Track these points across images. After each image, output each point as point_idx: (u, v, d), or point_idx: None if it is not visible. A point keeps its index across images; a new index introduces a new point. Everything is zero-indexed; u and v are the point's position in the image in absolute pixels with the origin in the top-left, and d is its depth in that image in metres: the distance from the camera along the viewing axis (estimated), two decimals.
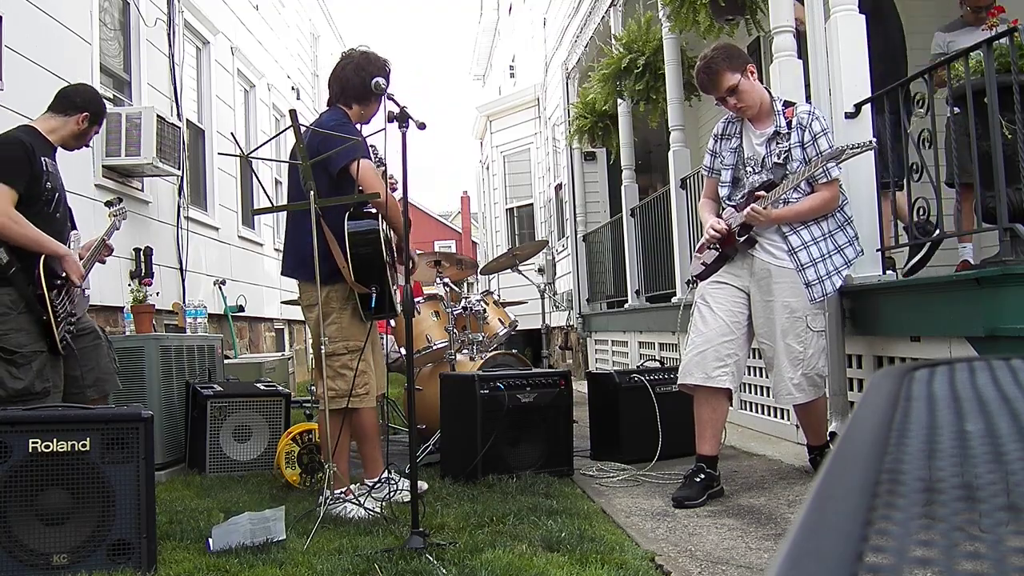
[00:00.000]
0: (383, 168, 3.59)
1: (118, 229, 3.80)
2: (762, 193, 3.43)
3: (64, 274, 3.28)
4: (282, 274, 3.72)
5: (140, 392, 4.25)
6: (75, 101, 3.46)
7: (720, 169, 3.66)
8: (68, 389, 3.37)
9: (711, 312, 3.52)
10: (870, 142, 3.37)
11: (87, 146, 3.63)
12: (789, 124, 3.45)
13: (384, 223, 3.43)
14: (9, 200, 3.12)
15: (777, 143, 3.47)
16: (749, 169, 3.56)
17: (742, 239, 3.49)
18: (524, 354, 6.48)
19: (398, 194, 3.39)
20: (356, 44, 4.01)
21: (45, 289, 3.18)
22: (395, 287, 3.47)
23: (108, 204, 3.96)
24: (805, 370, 3.43)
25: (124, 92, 6.33)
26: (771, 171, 3.49)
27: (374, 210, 3.42)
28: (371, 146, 3.57)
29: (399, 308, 3.48)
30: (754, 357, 4.55)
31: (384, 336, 4.40)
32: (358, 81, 3.47)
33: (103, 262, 3.73)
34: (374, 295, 3.31)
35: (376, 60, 3.58)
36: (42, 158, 3.28)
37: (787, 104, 3.54)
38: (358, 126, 3.56)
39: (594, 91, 7.59)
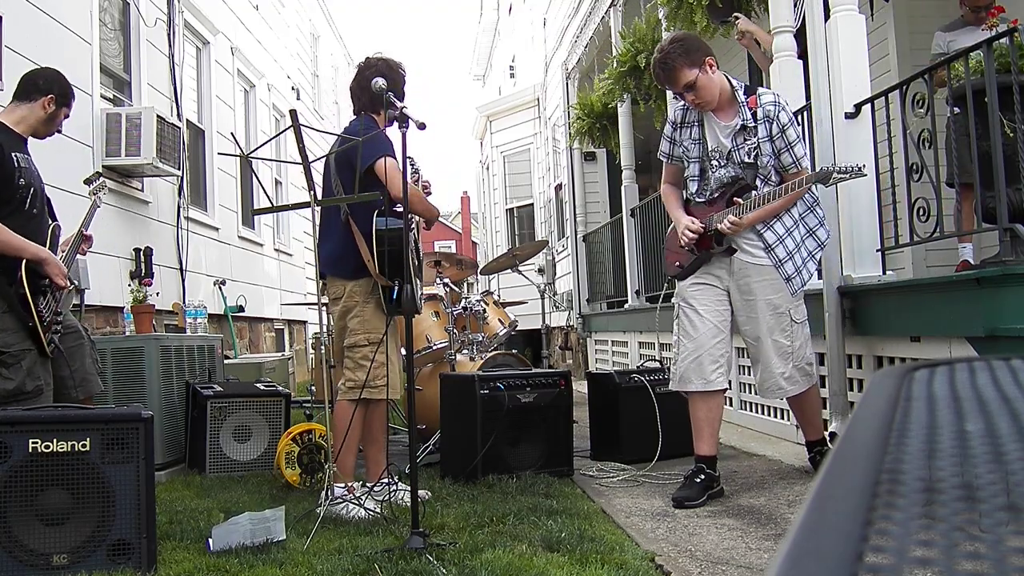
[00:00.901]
0: (417, 176, 3.73)
1: (99, 207, 3.69)
2: (738, 200, 3.38)
3: (47, 279, 3.21)
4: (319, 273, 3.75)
5: (140, 392, 4.25)
6: (38, 84, 3.34)
7: (682, 158, 3.58)
8: (56, 389, 3.33)
9: (698, 316, 3.50)
10: (860, 168, 3.20)
11: (58, 131, 3.47)
12: (755, 116, 3.36)
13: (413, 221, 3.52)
14: None
15: (745, 138, 3.39)
16: (715, 162, 3.47)
17: (721, 248, 3.45)
18: (524, 354, 6.48)
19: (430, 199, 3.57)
20: (370, 51, 4.07)
21: (28, 291, 3.12)
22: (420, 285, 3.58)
23: (87, 182, 3.81)
24: (795, 362, 3.43)
25: (124, 92, 6.33)
26: (740, 167, 3.42)
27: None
28: (409, 158, 3.63)
29: (420, 305, 3.62)
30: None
31: None
32: (395, 87, 3.53)
33: (83, 253, 3.67)
34: (396, 289, 3.38)
35: (397, 66, 3.65)
36: (12, 154, 3.16)
37: (747, 90, 3.44)
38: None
39: (603, 87, 7.59)
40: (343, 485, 3.37)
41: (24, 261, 3.13)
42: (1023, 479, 0.43)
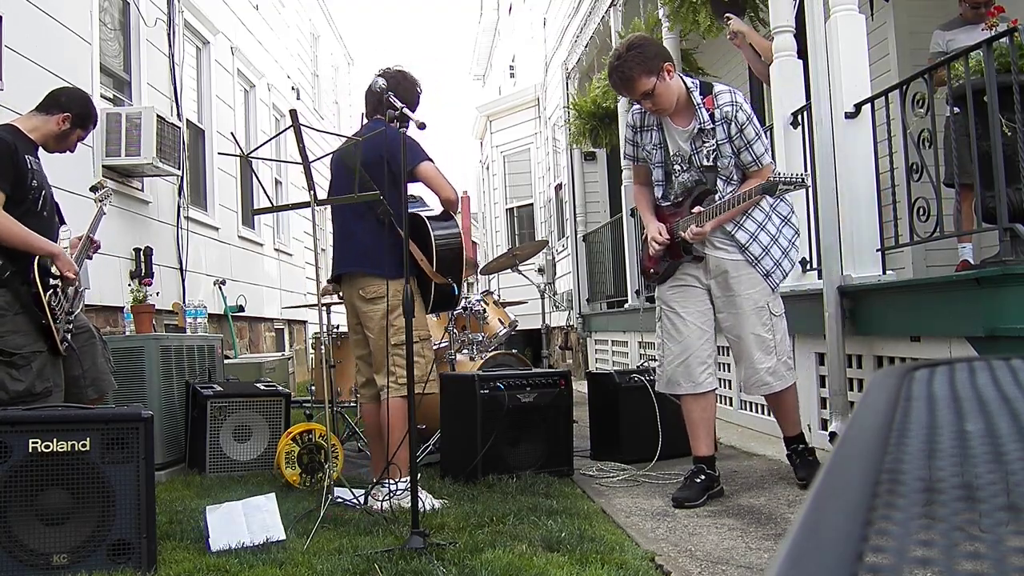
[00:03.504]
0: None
1: (105, 214, 3.74)
2: (699, 209, 3.35)
3: (59, 273, 3.26)
4: (339, 271, 3.73)
5: (140, 392, 4.25)
6: (59, 100, 3.41)
7: (644, 160, 3.56)
8: (68, 389, 3.35)
9: (681, 319, 3.49)
10: (803, 178, 3.12)
11: (71, 150, 3.53)
12: (712, 117, 3.33)
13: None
14: None
15: (703, 141, 3.36)
16: (677, 167, 3.46)
17: (689, 256, 3.44)
18: (524, 354, 6.48)
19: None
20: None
21: (40, 289, 3.16)
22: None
23: (93, 189, 3.84)
24: (778, 355, 3.42)
25: (124, 92, 6.33)
26: (701, 172, 3.41)
27: (435, 211, 3.74)
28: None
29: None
30: None
31: None
32: (406, 97, 3.62)
33: (90, 257, 3.70)
34: (455, 289, 3.56)
35: (413, 82, 3.74)
36: (25, 156, 3.22)
37: (704, 91, 3.39)
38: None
39: (600, 87, 7.60)
40: (398, 480, 3.43)
41: (35, 260, 3.17)
42: (1023, 479, 0.43)
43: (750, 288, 3.39)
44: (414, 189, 3.73)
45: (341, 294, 3.95)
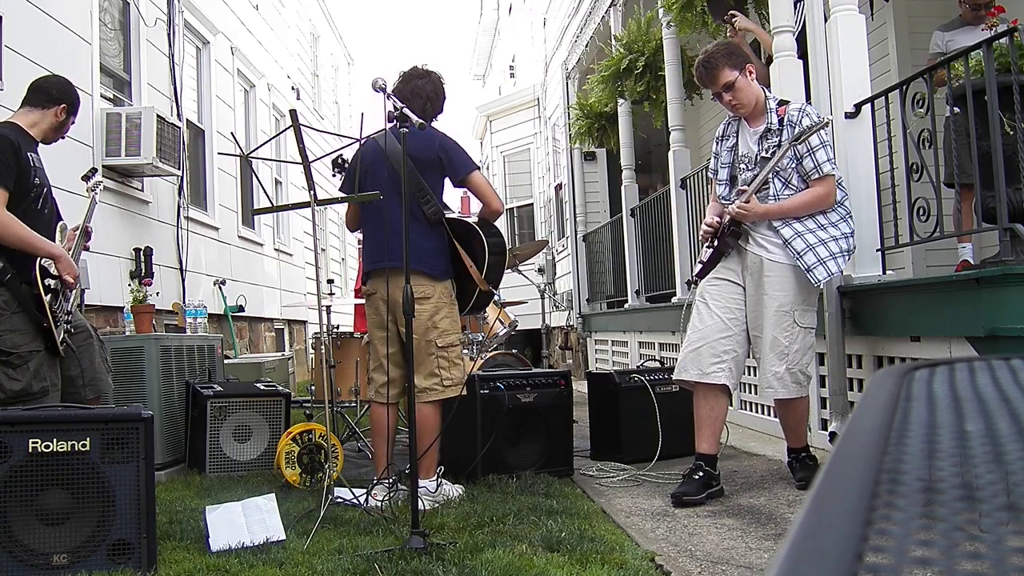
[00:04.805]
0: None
1: (97, 204, 3.74)
2: (744, 188, 3.44)
3: (58, 275, 3.26)
4: (384, 264, 3.57)
5: (140, 392, 4.25)
6: (51, 93, 3.44)
7: (718, 169, 3.68)
8: (65, 389, 3.35)
9: (708, 309, 3.53)
10: (821, 120, 3.38)
11: (63, 137, 3.59)
12: (781, 121, 3.46)
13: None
14: (1, 201, 3.09)
15: (767, 139, 3.48)
16: (743, 167, 3.56)
17: (730, 237, 3.50)
18: (524, 354, 6.48)
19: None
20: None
21: (42, 291, 3.16)
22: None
23: (84, 178, 3.78)
24: (789, 365, 3.40)
25: (124, 92, 6.33)
26: (760, 167, 3.48)
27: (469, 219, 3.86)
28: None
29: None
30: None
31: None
32: (436, 98, 3.74)
33: (87, 248, 3.70)
34: (497, 295, 3.73)
35: (441, 82, 3.82)
36: (27, 154, 3.25)
37: (781, 103, 3.53)
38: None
39: (594, 92, 7.60)
40: (434, 477, 3.50)
41: (37, 261, 3.17)
42: (1023, 479, 0.43)
43: (778, 290, 3.40)
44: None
45: (367, 290, 3.81)
